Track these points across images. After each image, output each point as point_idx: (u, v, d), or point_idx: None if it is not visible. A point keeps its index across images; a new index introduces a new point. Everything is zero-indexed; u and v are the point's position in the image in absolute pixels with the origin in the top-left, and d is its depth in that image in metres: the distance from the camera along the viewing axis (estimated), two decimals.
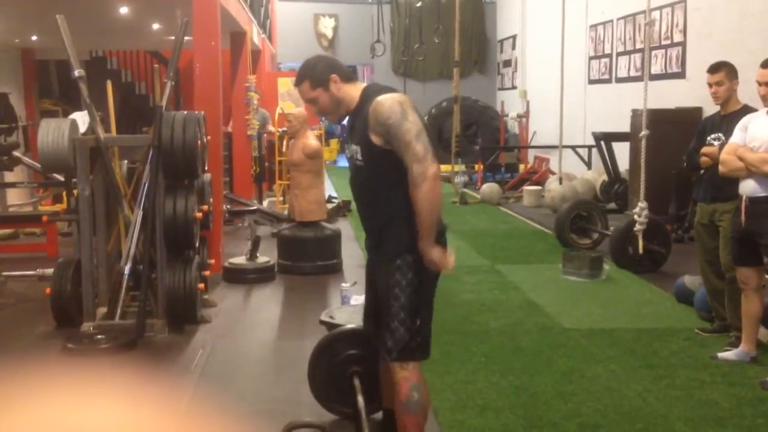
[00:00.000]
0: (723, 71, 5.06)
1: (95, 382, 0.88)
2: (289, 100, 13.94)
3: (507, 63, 18.46)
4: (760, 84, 4.52)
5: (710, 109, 6.05)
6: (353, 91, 3.19)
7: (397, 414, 3.19)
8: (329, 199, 10.82)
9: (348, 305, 5.36)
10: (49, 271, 6.13)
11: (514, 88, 17.71)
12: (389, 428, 3.40)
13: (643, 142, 6.76)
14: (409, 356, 3.11)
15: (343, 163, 19.22)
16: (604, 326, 5.57)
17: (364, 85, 3.26)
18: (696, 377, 4.51)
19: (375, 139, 3.04)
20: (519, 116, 16.42)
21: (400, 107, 2.98)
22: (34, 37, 11.62)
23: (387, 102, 2.99)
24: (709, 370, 4.62)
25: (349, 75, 3.26)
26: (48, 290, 5.63)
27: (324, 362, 3.82)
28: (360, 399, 3.57)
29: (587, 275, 6.93)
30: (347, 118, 3.27)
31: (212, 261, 6.68)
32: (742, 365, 4.67)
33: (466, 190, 13.01)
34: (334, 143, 21.29)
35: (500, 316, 5.85)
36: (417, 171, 2.94)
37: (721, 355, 4.80)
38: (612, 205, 10.14)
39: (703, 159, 5.08)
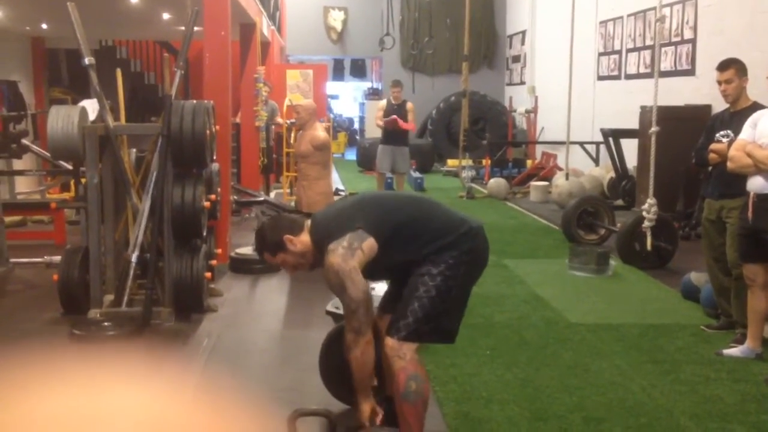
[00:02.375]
0: (732, 69, 5.05)
1: (101, 367, 0.89)
2: (298, 92, 13.94)
3: (516, 58, 18.42)
4: None
5: (719, 106, 6.03)
6: (308, 239, 3.37)
7: (396, 403, 3.24)
8: (336, 191, 10.83)
9: None
10: (57, 258, 6.16)
11: (522, 83, 17.66)
12: (392, 415, 3.42)
13: (653, 139, 6.74)
14: (414, 338, 3.22)
15: (351, 155, 19.24)
16: (610, 321, 5.58)
17: (309, 225, 3.41)
18: (701, 373, 4.51)
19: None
20: (527, 112, 16.38)
21: (338, 279, 3.15)
22: (44, 26, 11.65)
23: (328, 274, 3.17)
24: (714, 366, 4.63)
25: (299, 225, 3.41)
26: (55, 277, 5.67)
27: (335, 350, 3.82)
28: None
29: (593, 270, 6.93)
30: None
31: (219, 251, 6.70)
32: (748, 362, 4.67)
33: (473, 184, 13.00)
34: (341, 136, 21.29)
35: (506, 310, 5.86)
36: (350, 339, 3.24)
37: (727, 351, 4.80)
38: (619, 202, 10.12)
39: (712, 156, 5.07)
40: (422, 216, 3.35)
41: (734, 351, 4.78)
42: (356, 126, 25.14)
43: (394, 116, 10.65)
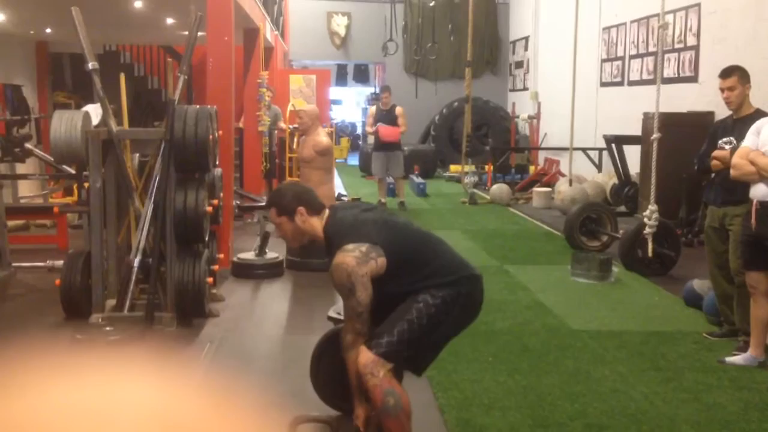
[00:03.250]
0: (735, 76, 5.04)
1: (102, 370, 0.88)
2: (301, 98, 13.95)
3: (519, 64, 18.43)
4: None
5: (722, 113, 6.03)
6: (318, 224, 3.39)
7: (379, 421, 3.24)
8: (338, 197, 10.84)
9: None
10: (59, 262, 6.16)
11: (525, 89, 17.67)
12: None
13: (655, 145, 6.74)
14: (392, 358, 3.20)
15: (353, 161, 19.24)
16: (612, 328, 5.57)
17: (327, 215, 3.42)
18: (703, 381, 4.50)
19: None
20: (530, 117, 16.39)
21: (348, 280, 3.15)
22: (48, 30, 11.67)
23: (339, 272, 3.18)
24: (716, 373, 4.62)
25: (318, 207, 3.42)
26: (58, 281, 5.67)
27: (327, 358, 3.80)
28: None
29: (596, 277, 6.92)
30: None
31: (221, 255, 6.70)
32: (750, 370, 4.66)
33: (475, 190, 13.00)
34: (344, 141, 21.30)
35: (508, 317, 5.85)
36: (349, 340, 3.25)
37: (729, 359, 4.79)
38: (622, 208, 10.12)
39: (714, 163, 5.06)
40: (430, 251, 3.37)
41: (737, 359, 4.77)
42: (359, 131, 25.16)
43: (379, 124, 11.02)
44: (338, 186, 12.52)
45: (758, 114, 4.93)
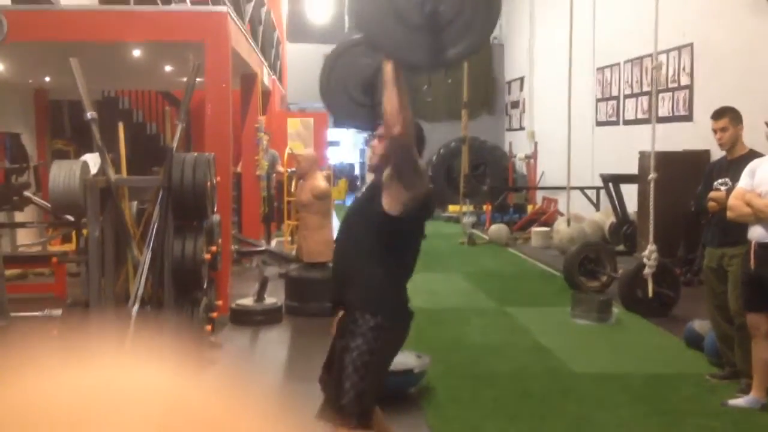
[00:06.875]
0: (727, 117, 5.08)
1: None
2: (298, 141, 14.02)
3: (515, 104, 18.57)
4: None
5: (717, 151, 6.05)
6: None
7: None
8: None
9: None
10: (57, 311, 6.13)
11: (522, 129, 17.78)
12: None
13: (652, 185, 6.76)
14: (365, 413, 3.24)
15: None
16: (614, 371, 5.53)
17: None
18: (706, 425, 4.46)
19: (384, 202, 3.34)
20: (527, 157, 16.46)
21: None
22: (47, 78, 11.76)
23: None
24: (719, 417, 4.57)
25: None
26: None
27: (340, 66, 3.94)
28: None
29: (596, 318, 6.88)
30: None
31: (220, 302, 6.67)
32: (753, 412, 4.61)
33: (474, 230, 13.00)
34: (342, 182, 21.36)
35: (509, 360, 5.81)
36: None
37: (732, 402, 4.75)
38: (621, 247, 10.11)
39: (711, 204, 5.07)
40: (404, 267, 3.54)
41: (740, 401, 4.73)
42: (357, 172, 25.25)
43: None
44: (336, 229, 12.52)
45: (752, 154, 4.96)
